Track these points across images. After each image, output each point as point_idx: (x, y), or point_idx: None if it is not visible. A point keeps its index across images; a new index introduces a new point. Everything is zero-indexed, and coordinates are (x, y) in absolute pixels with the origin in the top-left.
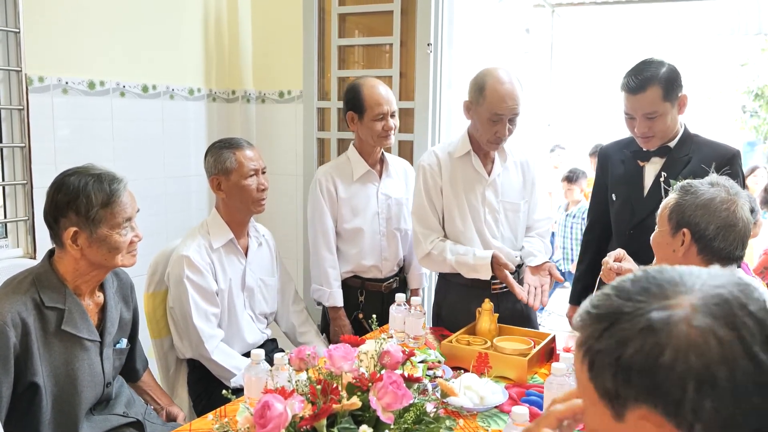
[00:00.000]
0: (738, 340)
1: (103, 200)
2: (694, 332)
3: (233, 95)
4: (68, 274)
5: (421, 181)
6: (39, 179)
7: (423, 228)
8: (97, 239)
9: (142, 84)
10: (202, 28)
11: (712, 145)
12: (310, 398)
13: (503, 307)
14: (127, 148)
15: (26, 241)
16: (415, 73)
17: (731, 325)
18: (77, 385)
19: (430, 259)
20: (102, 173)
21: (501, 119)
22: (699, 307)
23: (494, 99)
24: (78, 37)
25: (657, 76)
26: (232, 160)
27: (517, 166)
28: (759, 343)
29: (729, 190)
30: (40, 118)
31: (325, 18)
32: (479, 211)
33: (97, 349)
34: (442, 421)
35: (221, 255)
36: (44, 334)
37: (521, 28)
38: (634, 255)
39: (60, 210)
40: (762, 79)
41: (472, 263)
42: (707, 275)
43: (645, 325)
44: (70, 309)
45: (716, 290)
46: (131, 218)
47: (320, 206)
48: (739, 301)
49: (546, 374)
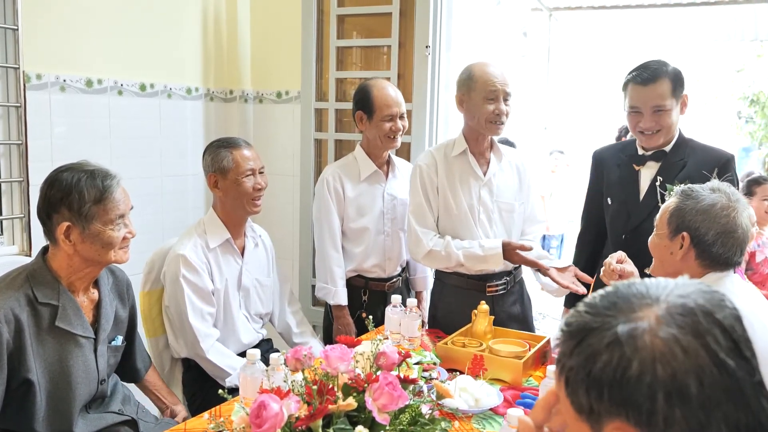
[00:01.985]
0: (703, 348)
1: (96, 196)
2: (660, 343)
3: (231, 95)
4: (62, 270)
5: (418, 180)
6: (36, 177)
7: (421, 227)
8: (89, 235)
9: (139, 82)
10: (201, 27)
11: (707, 149)
12: (306, 398)
13: (499, 310)
14: (124, 147)
15: (22, 239)
16: (413, 74)
17: (696, 333)
18: (71, 382)
19: (432, 257)
20: (95, 169)
21: (496, 95)
22: (663, 317)
23: (485, 77)
24: (76, 35)
25: (667, 70)
26: (229, 159)
27: (512, 167)
28: (726, 351)
29: (730, 197)
30: (38, 116)
31: (324, 19)
32: (474, 209)
33: (91, 345)
34: (438, 422)
35: (218, 255)
36: (38, 331)
37: (519, 31)
38: (630, 258)
39: (53, 206)
40: (758, 85)
41: (481, 255)
42: (674, 285)
43: (611, 339)
44: (63, 305)
45: (681, 300)
46: (124, 215)
47: (327, 205)
48: (704, 310)
49: (541, 377)
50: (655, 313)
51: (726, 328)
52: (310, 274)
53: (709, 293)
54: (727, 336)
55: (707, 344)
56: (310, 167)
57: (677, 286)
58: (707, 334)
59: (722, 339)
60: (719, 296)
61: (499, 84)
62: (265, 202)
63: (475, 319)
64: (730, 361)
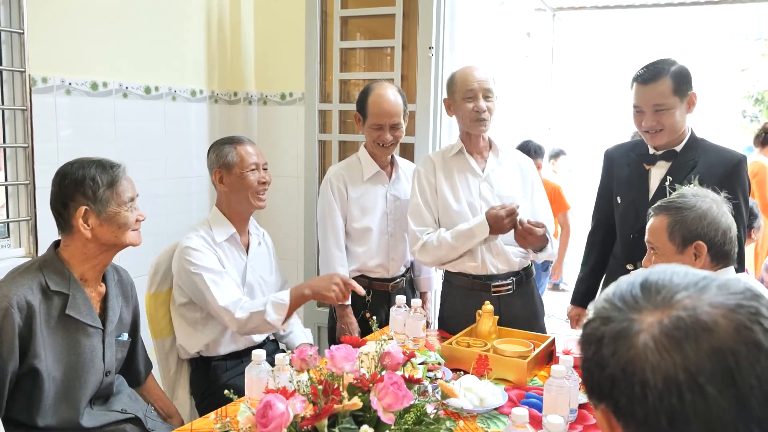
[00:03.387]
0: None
1: (108, 181)
2: (644, 348)
3: (235, 97)
4: (74, 259)
5: (416, 183)
6: (42, 179)
7: (418, 226)
8: (106, 218)
9: (144, 85)
10: (205, 29)
11: (718, 150)
12: (311, 398)
13: (505, 310)
14: (129, 149)
15: (28, 241)
16: (416, 76)
17: (680, 348)
18: (78, 370)
19: (425, 249)
20: (101, 159)
21: (474, 93)
22: (656, 326)
23: (464, 78)
24: (81, 39)
25: (669, 69)
26: (233, 154)
27: (513, 164)
28: (708, 376)
29: (712, 195)
30: (43, 119)
31: (327, 21)
32: (475, 205)
33: (99, 336)
34: (442, 422)
35: (224, 249)
36: (48, 318)
37: (522, 31)
38: (638, 258)
39: (68, 195)
40: (762, 84)
41: (467, 228)
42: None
43: (613, 333)
44: (74, 294)
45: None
46: (133, 198)
47: (331, 205)
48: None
49: (545, 376)
50: (653, 319)
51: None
52: (314, 274)
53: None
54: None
55: (686, 362)
56: (314, 168)
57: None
58: (689, 349)
59: (710, 363)
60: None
61: (477, 82)
62: (270, 202)
63: (480, 320)
64: (711, 388)
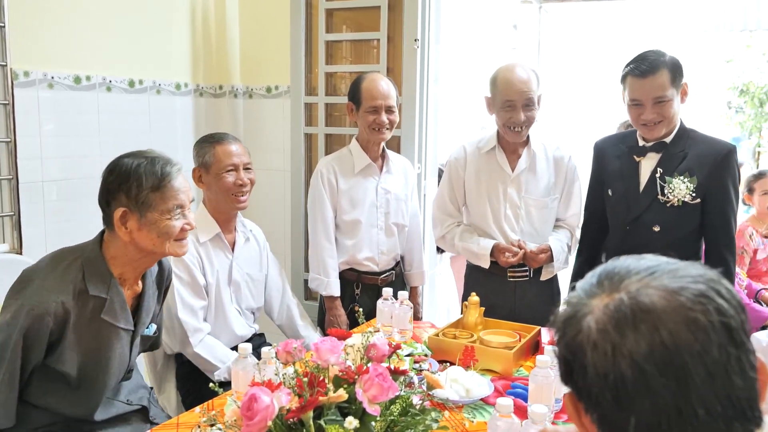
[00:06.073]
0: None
1: (154, 183)
2: (590, 331)
3: (220, 90)
4: (116, 259)
5: (447, 173)
6: (25, 174)
7: (440, 213)
8: (146, 223)
9: (128, 79)
10: (190, 22)
11: (708, 141)
12: (297, 391)
13: (520, 295)
14: (113, 143)
15: (12, 237)
16: (402, 68)
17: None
18: (105, 371)
19: (444, 241)
20: (156, 156)
21: (513, 105)
22: (601, 309)
23: (504, 86)
24: (64, 32)
25: (665, 60)
26: (210, 154)
27: (549, 162)
28: (644, 355)
29: None
30: (26, 113)
31: (313, 13)
32: (500, 206)
33: (128, 337)
34: (428, 413)
35: (208, 249)
36: (80, 319)
37: (508, 24)
38: (631, 250)
39: (111, 192)
40: (747, 76)
41: (475, 251)
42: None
43: (566, 317)
44: (111, 299)
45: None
46: (183, 206)
47: (321, 196)
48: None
49: (531, 367)
50: (602, 302)
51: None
52: (302, 269)
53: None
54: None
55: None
56: (301, 162)
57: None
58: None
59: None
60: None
61: (518, 93)
62: (255, 196)
63: (466, 311)
64: (649, 367)
